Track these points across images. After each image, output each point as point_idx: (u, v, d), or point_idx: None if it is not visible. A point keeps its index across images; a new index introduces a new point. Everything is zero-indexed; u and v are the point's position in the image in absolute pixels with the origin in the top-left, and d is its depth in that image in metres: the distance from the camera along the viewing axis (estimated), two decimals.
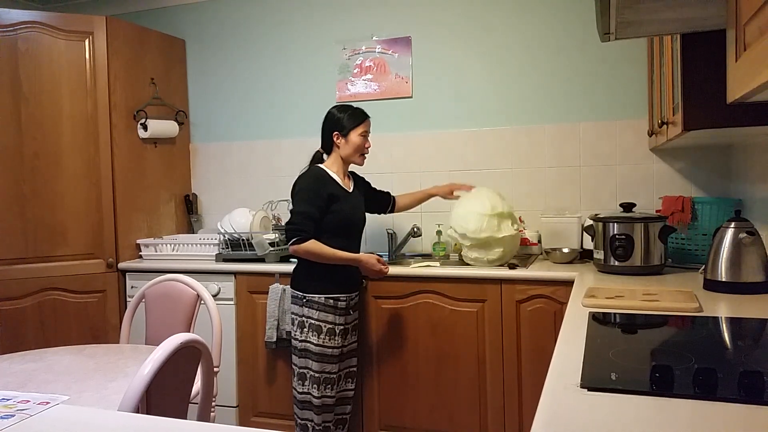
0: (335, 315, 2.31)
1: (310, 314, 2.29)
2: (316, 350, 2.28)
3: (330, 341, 2.29)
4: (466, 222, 2.53)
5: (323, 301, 2.29)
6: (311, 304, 2.29)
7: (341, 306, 2.33)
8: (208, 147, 3.58)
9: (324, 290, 2.29)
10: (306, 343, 2.28)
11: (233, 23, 3.50)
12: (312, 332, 2.28)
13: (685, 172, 2.75)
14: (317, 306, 2.29)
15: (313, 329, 2.28)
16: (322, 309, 2.29)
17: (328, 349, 2.29)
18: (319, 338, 2.28)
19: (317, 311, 2.29)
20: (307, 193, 2.26)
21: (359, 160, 2.39)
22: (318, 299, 2.29)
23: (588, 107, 2.89)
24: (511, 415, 2.46)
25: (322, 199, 2.25)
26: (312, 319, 2.29)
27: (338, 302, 2.32)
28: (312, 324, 2.29)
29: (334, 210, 2.28)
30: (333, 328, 2.30)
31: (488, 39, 3.02)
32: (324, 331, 2.29)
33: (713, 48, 1.68)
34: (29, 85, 2.87)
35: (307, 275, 2.31)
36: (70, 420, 1.04)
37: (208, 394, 1.58)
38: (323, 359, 2.28)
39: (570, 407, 0.92)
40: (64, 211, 2.95)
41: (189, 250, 3.09)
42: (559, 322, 2.31)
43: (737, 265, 1.80)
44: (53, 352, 2.04)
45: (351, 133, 2.34)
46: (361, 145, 2.36)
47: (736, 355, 1.17)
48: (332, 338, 2.29)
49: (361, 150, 2.37)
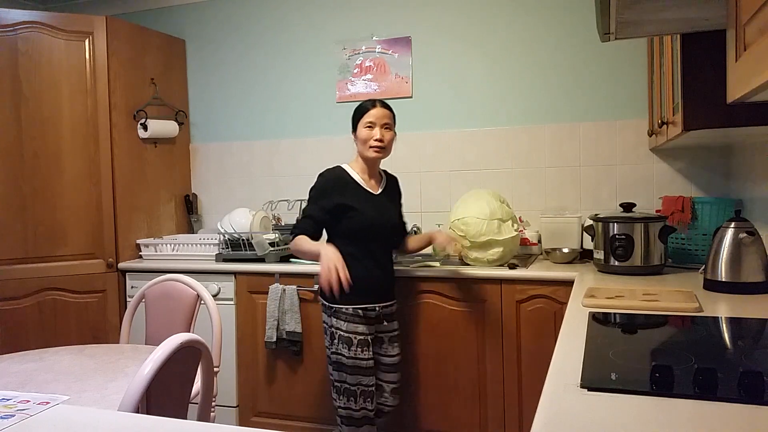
0: (366, 325, 2.17)
1: (339, 325, 2.16)
2: (349, 363, 2.15)
3: (362, 353, 2.15)
4: (466, 226, 2.54)
5: (351, 311, 2.16)
6: (339, 314, 2.16)
7: (371, 315, 2.19)
8: (208, 147, 3.58)
9: (352, 300, 2.14)
10: (338, 356, 2.16)
11: (233, 23, 3.50)
12: (342, 344, 2.16)
13: (685, 172, 2.75)
14: (345, 317, 2.16)
15: (343, 341, 2.15)
16: (351, 320, 2.16)
17: (362, 360, 2.15)
18: (350, 350, 2.15)
19: (345, 322, 2.16)
20: (316, 195, 2.19)
21: (370, 152, 2.19)
22: (346, 309, 2.16)
23: (588, 107, 2.89)
24: (511, 415, 2.46)
25: (330, 204, 2.15)
26: (341, 331, 2.16)
27: (368, 312, 2.18)
28: (341, 336, 2.16)
29: (351, 216, 2.15)
30: (365, 339, 2.16)
31: (488, 39, 3.02)
32: (355, 342, 2.15)
33: (713, 48, 1.68)
34: (29, 85, 2.87)
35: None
36: (70, 420, 1.04)
37: (208, 394, 1.58)
38: (357, 371, 2.15)
39: (570, 407, 0.92)
40: (64, 211, 2.95)
41: (189, 250, 3.09)
42: (559, 322, 2.32)
43: (737, 265, 1.80)
44: (53, 352, 2.04)
45: (358, 127, 2.22)
46: (367, 137, 2.18)
47: (736, 355, 1.17)
48: (364, 350, 2.15)
49: (367, 143, 2.19)
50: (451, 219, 2.64)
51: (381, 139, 2.18)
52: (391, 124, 2.23)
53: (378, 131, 2.18)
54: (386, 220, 2.25)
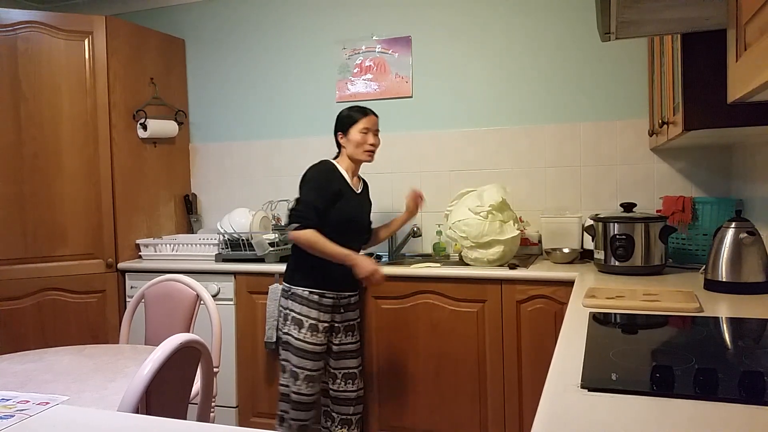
0: (319, 311, 2.30)
1: (293, 307, 2.30)
2: (296, 344, 2.27)
3: (312, 337, 2.28)
4: (467, 227, 2.54)
5: (307, 295, 2.29)
6: (295, 297, 2.30)
7: (326, 303, 2.32)
8: (207, 147, 3.58)
9: (309, 284, 2.29)
10: (288, 336, 2.29)
11: (233, 23, 3.49)
12: (293, 325, 2.28)
13: (686, 172, 2.75)
14: (300, 300, 2.29)
15: (295, 322, 2.28)
16: (305, 303, 2.29)
17: (309, 344, 2.27)
18: (300, 332, 2.27)
19: (299, 305, 2.29)
20: (316, 183, 2.28)
21: (364, 156, 2.36)
22: (302, 293, 2.29)
23: (588, 107, 2.89)
24: (511, 415, 2.46)
25: (329, 191, 2.26)
26: (294, 312, 2.29)
27: (323, 298, 2.31)
28: (294, 317, 2.29)
29: (339, 207, 2.28)
30: (316, 325, 2.29)
31: (488, 39, 3.02)
32: (306, 326, 2.28)
33: (713, 48, 1.68)
34: (29, 85, 2.87)
35: (296, 267, 2.33)
36: (70, 420, 1.03)
37: (208, 394, 1.58)
38: (303, 354, 2.27)
39: (570, 407, 0.91)
40: (63, 211, 2.95)
41: (189, 250, 3.09)
42: (560, 323, 2.31)
43: (738, 265, 1.80)
44: (53, 352, 2.04)
45: (351, 130, 2.35)
46: (361, 141, 2.33)
47: (737, 355, 1.17)
48: (314, 335, 2.28)
49: (362, 146, 2.34)
50: (452, 220, 2.64)
51: (374, 144, 2.37)
52: (378, 131, 2.42)
53: (372, 137, 2.36)
54: (362, 217, 2.45)
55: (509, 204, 2.66)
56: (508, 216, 2.60)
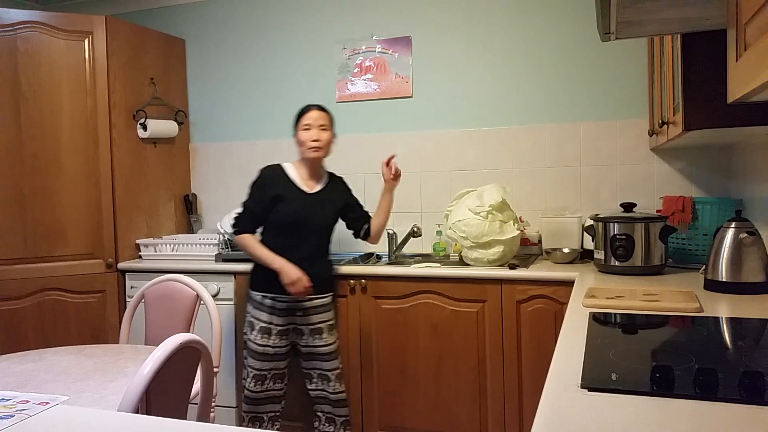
0: (272, 315, 2.34)
1: (248, 309, 2.39)
2: (248, 345, 2.36)
3: (261, 339, 2.34)
4: (468, 227, 2.54)
5: (259, 299, 2.35)
6: (250, 300, 2.38)
7: (280, 306, 2.35)
8: (207, 147, 3.58)
9: (263, 288, 2.35)
10: (245, 336, 2.38)
11: (233, 23, 3.49)
12: (248, 327, 2.37)
13: (686, 172, 2.75)
14: (253, 303, 2.37)
15: (249, 324, 2.37)
16: (257, 307, 2.36)
17: (258, 346, 2.34)
18: (251, 334, 2.35)
19: (253, 308, 2.37)
20: (253, 188, 2.38)
21: (309, 153, 2.35)
22: (255, 296, 2.36)
23: (588, 107, 2.89)
24: (511, 415, 2.46)
25: (267, 195, 2.33)
26: (249, 315, 2.38)
27: (276, 302, 2.34)
28: (248, 320, 2.38)
29: (279, 209, 2.33)
30: (267, 327, 2.34)
31: (488, 39, 3.02)
32: (257, 328, 2.34)
33: (713, 48, 1.68)
34: (29, 85, 2.87)
35: (253, 271, 2.40)
36: (70, 420, 1.03)
37: (208, 394, 1.58)
38: (252, 355, 2.35)
39: (570, 407, 0.91)
40: (63, 211, 2.95)
41: (188, 250, 3.09)
42: (560, 323, 2.32)
43: (738, 265, 1.80)
44: (53, 352, 2.04)
45: (296, 130, 2.39)
46: (304, 139, 2.35)
47: (737, 355, 1.17)
48: (264, 337, 2.34)
49: (305, 144, 2.35)
50: (452, 220, 2.64)
51: (317, 139, 2.33)
52: (327, 126, 2.38)
53: (315, 132, 2.34)
54: (316, 218, 2.38)
55: (509, 204, 2.66)
56: (508, 216, 2.60)
